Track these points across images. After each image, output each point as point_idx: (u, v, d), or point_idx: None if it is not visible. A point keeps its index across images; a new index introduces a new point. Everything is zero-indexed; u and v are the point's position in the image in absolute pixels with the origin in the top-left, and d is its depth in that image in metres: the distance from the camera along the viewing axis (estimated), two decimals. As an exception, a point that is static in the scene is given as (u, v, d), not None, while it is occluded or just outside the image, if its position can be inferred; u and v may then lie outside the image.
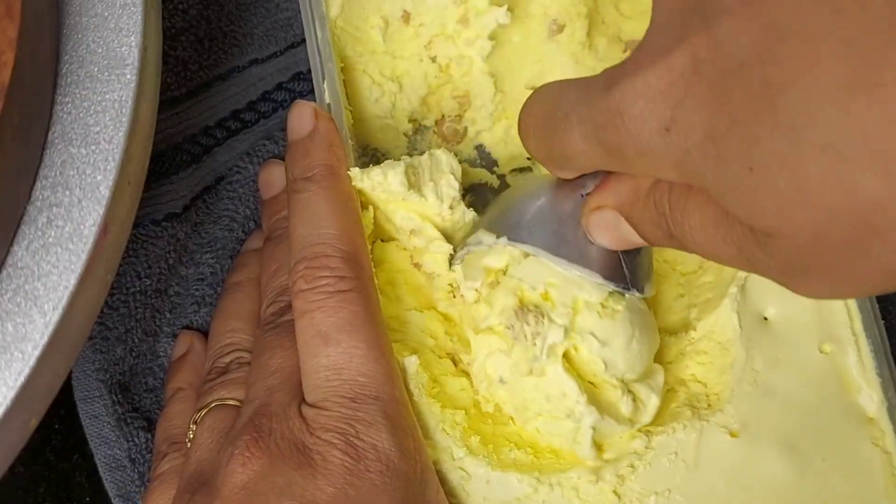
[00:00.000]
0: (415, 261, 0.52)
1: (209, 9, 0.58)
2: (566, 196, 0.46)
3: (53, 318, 0.39)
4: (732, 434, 0.49)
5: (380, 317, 0.47)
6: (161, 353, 0.56)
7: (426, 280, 0.52)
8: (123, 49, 0.41)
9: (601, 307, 0.47)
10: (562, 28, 0.56)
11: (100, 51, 0.42)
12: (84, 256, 0.40)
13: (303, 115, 0.50)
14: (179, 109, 0.57)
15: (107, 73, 0.41)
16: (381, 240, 0.52)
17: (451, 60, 0.56)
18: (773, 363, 0.50)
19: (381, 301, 0.48)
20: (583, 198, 0.45)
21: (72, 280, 0.39)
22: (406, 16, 0.56)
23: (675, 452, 0.48)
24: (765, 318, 0.51)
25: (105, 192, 0.40)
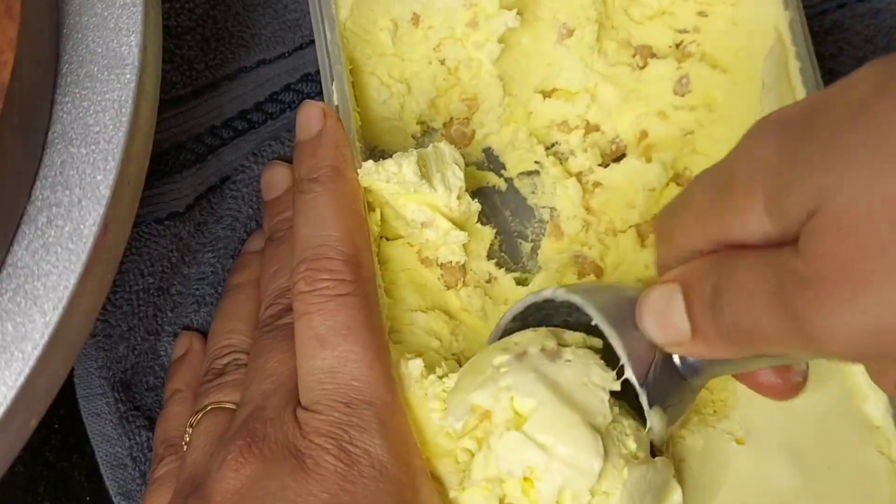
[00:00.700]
0: (423, 256, 0.52)
1: (216, 8, 0.58)
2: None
3: (53, 318, 0.39)
4: (738, 441, 0.49)
5: (379, 321, 0.47)
6: (162, 352, 0.56)
7: (434, 277, 0.52)
8: (123, 49, 0.41)
9: (591, 496, 0.41)
10: (571, 32, 0.56)
11: (100, 51, 0.42)
12: (84, 256, 0.40)
13: (311, 115, 0.50)
14: (184, 108, 0.57)
15: (107, 73, 0.41)
16: (387, 238, 0.52)
17: (460, 63, 0.56)
18: (779, 370, 0.50)
19: (386, 302, 0.48)
20: None
21: (72, 280, 0.39)
22: (415, 18, 0.56)
23: (682, 459, 0.48)
24: (771, 324, 0.50)
25: (105, 192, 0.40)
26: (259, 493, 0.42)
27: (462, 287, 0.53)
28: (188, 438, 0.48)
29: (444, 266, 0.52)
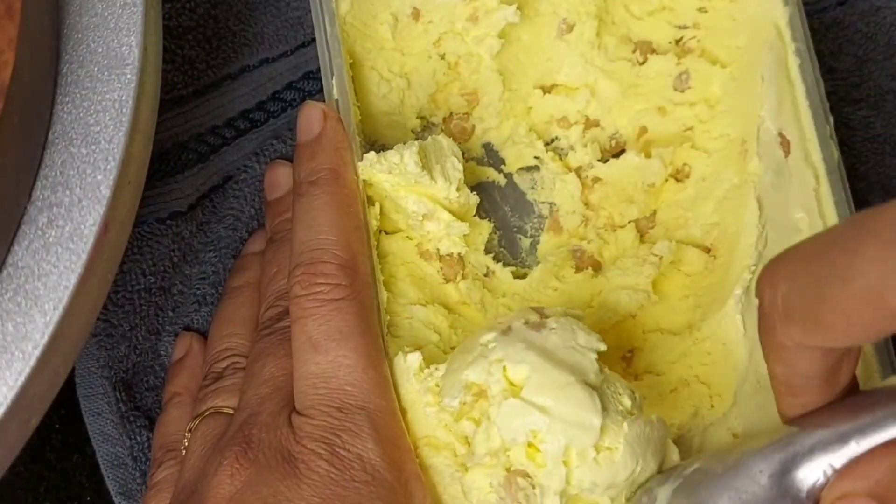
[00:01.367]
0: (423, 249, 0.52)
1: (217, 8, 0.57)
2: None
3: (54, 318, 0.39)
4: (735, 435, 0.49)
5: (374, 326, 0.47)
6: (162, 352, 0.56)
7: (433, 270, 0.52)
8: (123, 49, 0.41)
9: (596, 452, 0.42)
10: (571, 27, 0.56)
11: (100, 51, 0.41)
12: (84, 256, 0.40)
13: (312, 117, 0.50)
14: (186, 108, 0.57)
15: (107, 73, 0.41)
16: (386, 232, 0.52)
17: (460, 58, 0.56)
18: (778, 366, 0.50)
19: (385, 296, 0.49)
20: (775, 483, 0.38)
21: (72, 280, 0.39)
22: (415, 13, 0.56)
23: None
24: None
25: (105, 192, 0.40)
26: (252, 499, 0.42)
27: (461, 280, 0.53)
28: (186, 443, 0.49)
29: (444, 259, 0.52)
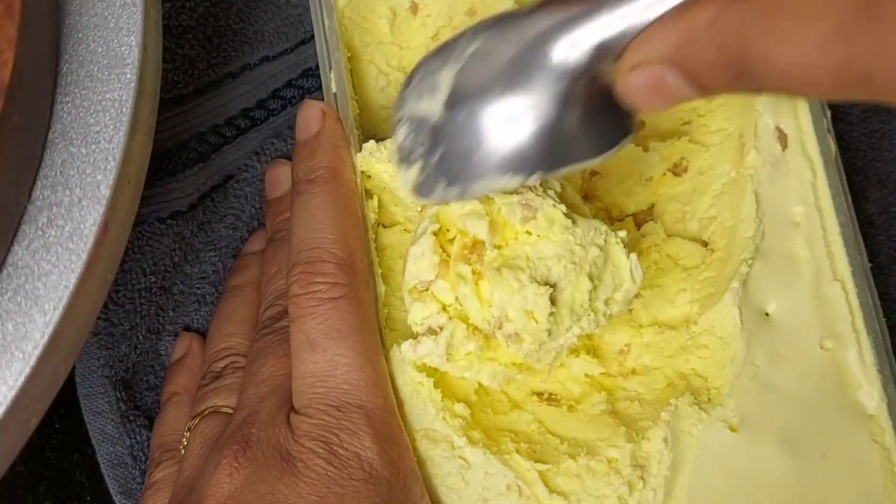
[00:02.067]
0: None
1: (217, 6, 0.58)
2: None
3: (54, 318, 0.39)
4: (732, 429, 0.49)
5: (372, 325, 0.47)
6: (163, 352, 0.56)
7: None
8: (123, 49, 0.41)
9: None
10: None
11: (100, 50, 0.42)
12: (84, 256, 0.40)
13: (310, 116, 0.50)
14: (187, 107, 0.57)
15: (107, 73, 0.41)
16: (384, 225, 0.52)
17: (458, 52, 0.56)
18: (774, 359, 0.50)
19: (384, 289, 0.49)
20: (578, 73, 0.38)
21: (72, 279, 0.39)
22: (414, 7, 0.55)
23: (676, 444, 0.49)
24: (766, 314, 0.51)
25: (105, 192, 0.40)
26: (249, 498, 0.43)
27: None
28: (185, 442, 0.49)
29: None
